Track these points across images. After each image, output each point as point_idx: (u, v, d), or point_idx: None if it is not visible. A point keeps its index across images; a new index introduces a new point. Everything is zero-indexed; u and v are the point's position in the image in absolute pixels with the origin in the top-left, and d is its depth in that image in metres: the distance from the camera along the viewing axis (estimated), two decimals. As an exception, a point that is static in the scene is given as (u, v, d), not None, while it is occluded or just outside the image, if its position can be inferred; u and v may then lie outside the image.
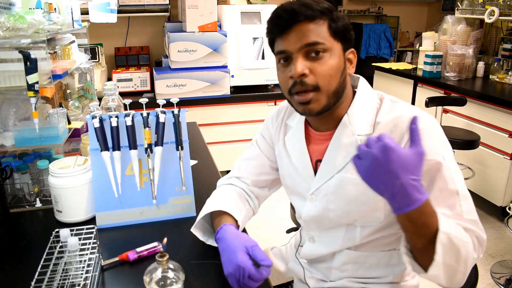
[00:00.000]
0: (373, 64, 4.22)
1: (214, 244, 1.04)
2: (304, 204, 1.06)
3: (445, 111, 3.24)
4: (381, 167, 0.73)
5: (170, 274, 0.77)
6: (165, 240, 0.81)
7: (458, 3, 3.68)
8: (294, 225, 1.55)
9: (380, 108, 0.96)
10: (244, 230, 1.11)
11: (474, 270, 0.99)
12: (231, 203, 1.07)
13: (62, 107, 1.54)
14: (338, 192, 0.97)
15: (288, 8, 0.88)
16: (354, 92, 1.00)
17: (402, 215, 0.76)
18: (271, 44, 0.96)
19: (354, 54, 0.96)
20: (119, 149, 1.16)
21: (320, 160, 1.01)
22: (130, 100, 1.21)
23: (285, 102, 1.16)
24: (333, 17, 0.90)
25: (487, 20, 3.22)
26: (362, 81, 1.01)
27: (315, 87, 0.89)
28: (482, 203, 3.11)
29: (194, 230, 1.07)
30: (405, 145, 0.89)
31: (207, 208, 1.06)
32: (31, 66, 1.16)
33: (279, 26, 0.90)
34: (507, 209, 2.54)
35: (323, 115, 0.95)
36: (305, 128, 1.05)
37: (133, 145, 1.16)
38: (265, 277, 0.86)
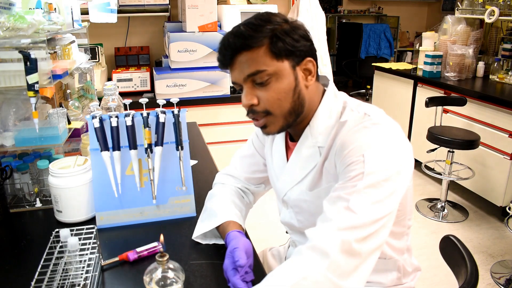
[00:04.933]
0: (373, 64, 4.22)
1: (218, 242, 1.07)
2: (281, 209, 1.09)
3: (445, 111, 3.24)
4: None
5: (170, 274, 0.77)
6: (161, 237, 0.81)
7: (458, 3, 3.68)
8: (294, 225, 1.55)
9: (341, 117, 0.91)
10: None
11: (474, 270, 0.99)
12: (232, 209, 1.08)
13: (62, 107, 1.54)
14: (300, 205, 0.98)
15: (226, 42, 0.88)
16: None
17: None
18: None
19: (313, 63, 0.90)
20: (119, 149, 1.16)
21: None
22: (130, 100, 1.21)
23: None
24: (273, 39, 0.85)
25: (487, 20, 3.22)
26: (329, 89, 0.96)
27: (267, 112, 0.89)
28: (482, 203, 3.11)
29: (197, 238, 1.09)
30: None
31: (212, 221, 1.06)
32: (31, 66, 1.16)
33: (221, 61, 0.91)
34: (507, 209, 2.54)
35: (291, 127, 0.95)
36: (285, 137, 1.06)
37: (133, 145, 1.16)
38: (241, 279, 0.87)
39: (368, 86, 5.69)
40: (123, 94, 2.45)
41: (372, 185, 0.79)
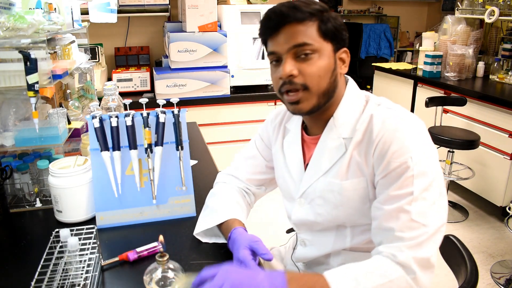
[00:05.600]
0: (373, 64, 4.23)
1: (218, 241, 1.07)
2: (293, 207, 1.07)
3: (445, 111, 3.24)
4: None
5: (170, 274, 0.77)
6: (161, 237, 0.81)
7: (458, 3, 3.68)
8: (294, 225, 1.55)
9: (364, 110, 0.94)
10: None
11: (474, 270, 0.99)
12: (235, 207, 1.09)
13: (62, 107, 1.54)
14: (324, 197, 0.98)
15: (277, 10, 0.90)
16: None
17: None
18: (265, 45, 0.97)
19: (347, 54, 0.96)
20: (119, 149, 1.16)
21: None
22: (130, 100, 1.21)
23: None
24: (323, 19, 0.90)
25: (487, 20, 3.22)
26: (351, 83, 1.00)
27: (304, 87, 0.90)
28: (482, 203, 3.11)
29: (198, 235, 1.09)
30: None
31: (214, 218, 1.06)
32: (31, 66, 1.16)
33: (269, 28, 0.92)
34: (507, 209, 2.54)
35: (314, 115, 0.96)
36: (301, 132, 1.06)
37: (133, 145, 1.16)
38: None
39: (368, 86, 5.68)
40: (123, 94, 2.45)
41: (425, 189, 0.83)
